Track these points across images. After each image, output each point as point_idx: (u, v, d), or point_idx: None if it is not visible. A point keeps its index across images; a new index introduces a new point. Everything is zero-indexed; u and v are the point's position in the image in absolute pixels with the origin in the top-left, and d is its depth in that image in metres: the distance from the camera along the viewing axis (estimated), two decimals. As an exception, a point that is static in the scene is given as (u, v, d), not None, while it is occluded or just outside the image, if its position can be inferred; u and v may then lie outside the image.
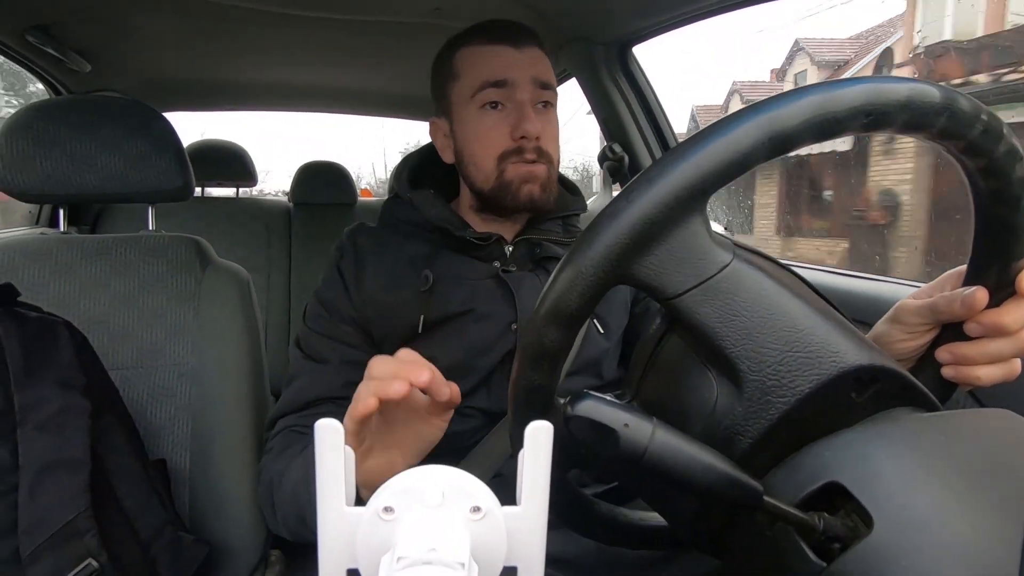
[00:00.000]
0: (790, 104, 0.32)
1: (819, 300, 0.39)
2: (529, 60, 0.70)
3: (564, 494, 0.43)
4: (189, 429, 0.79)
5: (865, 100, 0.32)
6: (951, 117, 0.33)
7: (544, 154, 0.69)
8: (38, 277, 0.79)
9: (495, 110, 0.69)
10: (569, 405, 0.32)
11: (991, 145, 0.35)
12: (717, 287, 0.35)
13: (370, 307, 0.69)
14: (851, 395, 0.35)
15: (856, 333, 0.37)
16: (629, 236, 0.33)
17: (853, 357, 0.35)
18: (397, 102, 1.97)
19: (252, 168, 1.99)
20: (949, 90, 0.34)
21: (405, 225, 0.74)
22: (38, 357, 0.61)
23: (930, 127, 0.34)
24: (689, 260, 0.34)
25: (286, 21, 1.21)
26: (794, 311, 0.35)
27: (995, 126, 0.34)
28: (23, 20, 1.13)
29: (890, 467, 0.30)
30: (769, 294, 0.35)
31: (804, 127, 0.32)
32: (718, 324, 0.35)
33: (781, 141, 0.32)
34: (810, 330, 0.35)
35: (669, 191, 0.32)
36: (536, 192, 0.69)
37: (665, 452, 0.31)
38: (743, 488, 0.31)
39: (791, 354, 0.35)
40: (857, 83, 0.32)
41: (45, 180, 0.78)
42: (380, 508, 0.24)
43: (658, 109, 1.38)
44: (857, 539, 0.29)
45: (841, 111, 0.32)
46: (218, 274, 0.84)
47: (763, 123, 0.32)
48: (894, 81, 0.33)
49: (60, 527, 0.56)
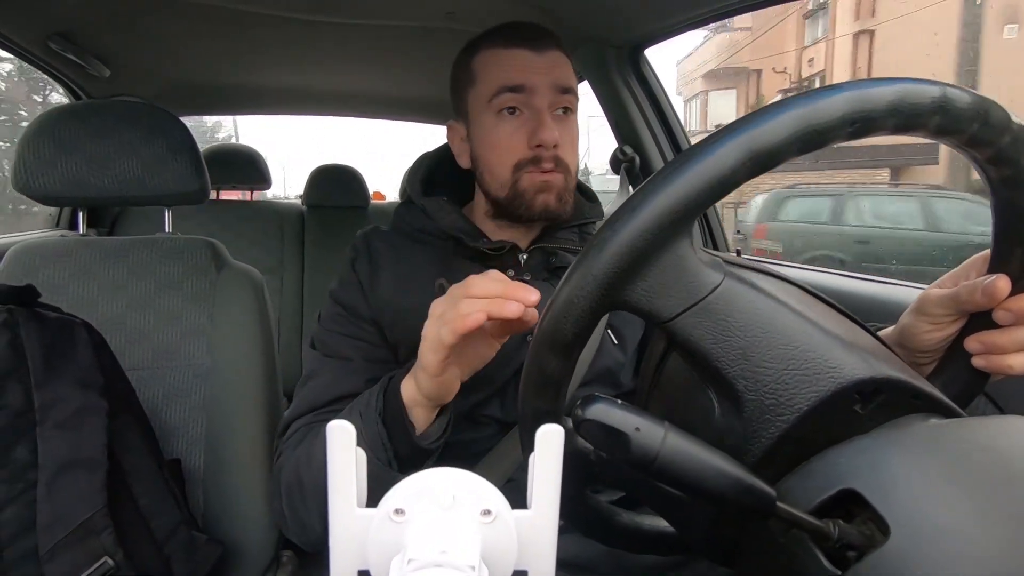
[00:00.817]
0: (772, 120, 0.32)
1: (820, 310, 0.38)
2: (548, 63, 0.68)
3: (573, 498, 0.43)
4: (203, 429, 0.80)
5: (849, 108, 0.31)
6: (946, 115, 0.33)
7: (561, 163, 0.67)
8: (58, 278, 0.80)
9: (512, 116, 0.67)
10: (580, 408, 0.32)
11: (994, 136, 0.34)
12: (709, 308, 0.35)
13: (385, 310, 0.69)
14: (855, 408, 0.35)
15: (857, 345, 0.36)
16: (617, 265, 0.33)
17: (852, 371, 0.34)
18: (411, 106, 1.99)
19: (266, 171, 2.02)
20: (943, 88, 0.33)
21: (418, 232, 0.73)
22: (58, 357, 0.62)
23: (924, 127, 0.33)
24: (679, 283, 0.35)
25: (301, 26, 1.22)
26: (789, 328, 0.35)
27: (997, 117, 0.34)
28: (45, 27, 1.16)
29: (907, 474, 0.30)
30: (763, 312, 0.35)
31: (788, 142, 0.31)
32: (713, 345, 0.35)
33: (763, 159, 0.32)
34: (806, 346, 0.35)
35: (653, 218, 0.32)
36: (551, 202, 0.68)
37: (677, 457, 0.31)
38: (756, 494, 0.31)
39: (788, 372, 0.34)
40: (840, 91, 0.32)
41: (65, 183, 0.79)
42: (391, 510, 0.24)
43: (670, 111, 1.38)
44: (873, 547, 0.28)
45: (824, 122, 0.31)
46: (233, 276, 0.85)
47: (743, 143, 0.32)
48: (880, 84, 0.32)
49: (77, 525, 0.57)
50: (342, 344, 0.69)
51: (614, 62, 1.31)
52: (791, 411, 0.34)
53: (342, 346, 0.69)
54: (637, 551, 0.47)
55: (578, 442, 0.40)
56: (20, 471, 0.57)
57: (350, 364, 0.68)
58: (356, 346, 0.69)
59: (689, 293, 0.35)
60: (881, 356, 0.37)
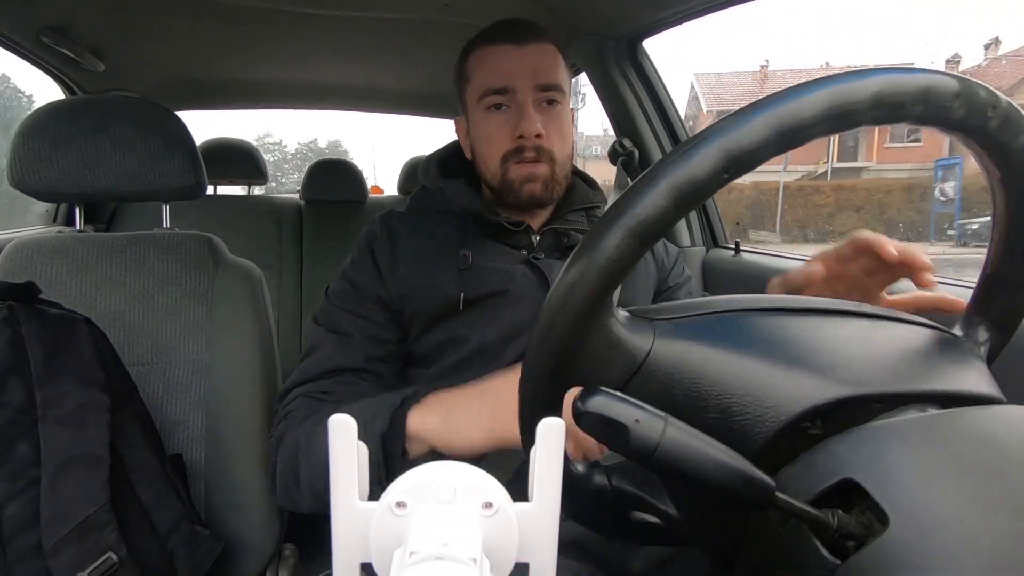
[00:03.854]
0: (649, 194, 0.32)
1: (763, 335, 0.38)
2: (531, 57, 0.71)
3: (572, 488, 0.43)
4: (204, 424, 0.80)
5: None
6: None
7: (545, 152, 0.71)
8: (55, 275, 0.80)
9: (499, 111, 0.71)
10: (580, 401, 0.32)
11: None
12: (648, 373, 0.36)
13: (405, 285, 0.71)
14: (813, 432, 0.35)
15: (802, 366, 0.36)
16: (558, 354, 0.35)
17: (793, 406, 0.35)
18: (411, 99, 1.98)
19: (263, 166, 2.01)
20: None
21: (436, 213, 0.76)
22: (59, 353, 0.62)
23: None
24: (616, 356, 0.36)
25: (297, 19, 1.21)
26: (723, 377, 0.36)
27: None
28: (37, 20, 1.14)
29: (906, 464, 0.30)
30: (695, 367, 0.36)
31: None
32: (663, 405, 0.35)
33: (647, 237, 0.32)
34: (743, 392, 0.35)
35: (573, 311, 0.33)
36: (537, 190, 0.72)
37: (677, 448, 0.31)
38: (756, 485, 0.31)
39: (730, 421, 0.35)
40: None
41: (60, 179, 0.79)
42: (393, 503, 0.24)
43: (669, 103, 1.37)
44: (872, 537, 0.28)
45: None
46: (230, 271, 0.85)
47: (624, 224, 0.32)
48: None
49: (81, 521, 0.57)
50: (343, 320, 0.71)
51: (612, 54, 1.30)
52: (748, 453, 0.34)
53: (343, 322, 0.71)
54: (639, 543, 0.47)
55: (595, 481, 0.41)
56: (22, 468, 0.57)
57: (351, 340, 0.70)
58: (358, 324, 0.71)
59: (628, 362, 0.36)
60: (829, 375, 0.36)
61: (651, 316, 0.38)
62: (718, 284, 1.30)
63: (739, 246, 1.29)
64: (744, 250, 1.28)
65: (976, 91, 0.34)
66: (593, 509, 0.44)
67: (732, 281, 1.26)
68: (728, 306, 0.39)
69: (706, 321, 0.38)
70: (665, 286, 0.83)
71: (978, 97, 0.34)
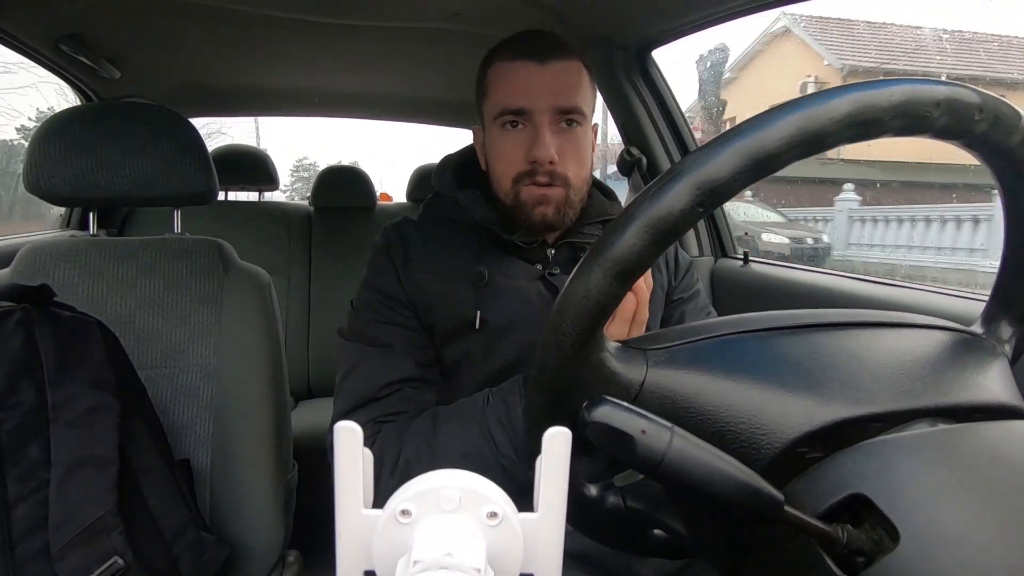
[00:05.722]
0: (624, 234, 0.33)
1: (753, 360, 0.38)
2: (552, 77, 0.67)
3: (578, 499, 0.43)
4: (211, 429, 0.80)
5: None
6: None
7: (558, 177, 0.68)
8: (68, 278, 0.81)
9: (514, 129, 0.69)
10: (586, 411, 0.32)
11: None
12: (645, 401, 0.36)
13: (420, 295, 0.70)
14: (810, 456, 0.35)
15: (794, 391, 0.36)
16: (553, 391, 0.36)
17: (786, 432, 0.34)
18: (423, 108, 1.99)
19: (274, 172, 2.03)
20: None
21: (449, 223, 0.74)
22: (71, 356, 0.62)
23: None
24: (612, 387, 0.36)
25: (310, 27, 1.23)
26: (716, 406, 0.36)
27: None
28: (56, 29, 1.17)
29: (916, 479, 0.30)
30: (687, 396, 0.36)
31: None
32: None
33: (627, 275, 0.33)
34: (737, 420, 0.35)
35: (566, 348, 0.34)
36: (549, 214, 0.69)
37: (683, 460, 0.31)
38: (764, 498, 0.31)
39: (727, 449, 0.34)
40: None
41: (74, 183, 0.80)
42: (397, 511, 0.24)
43: (677, 113, 1.37)
44: (882, 553, 0.28)
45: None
46: (240, 277, 0.86)
47: (606, 264, 0.33)
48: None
49: (88, 524, 0.57)
50: (380, 332, 0.70)
51: (621, 64, 1.31)
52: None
53: (381, 333, 0.69)
54: (645, 555, 0.47)
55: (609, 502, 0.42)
56: (33, 469, 0.58)
57: (392, 351, 0.68)
58: (395, 332, 0.69)
59: (625, 393, 0.36)
60: (821, 391, 0.36)
61: (643, 347, 0.38)
62: (726, 294, 1.29)
63: (748, 256, 1.28)
64: (753, 260, 1.27)
65: (962, 96, 0.33)
66: (607, 528, 0.44)
67: (740, 291, 1.25)
68: (720, 330, 0.39)
69: (696, 348, 0.38)
70: (674, 297, 0.81)
71: (963, 105, 0.33)
